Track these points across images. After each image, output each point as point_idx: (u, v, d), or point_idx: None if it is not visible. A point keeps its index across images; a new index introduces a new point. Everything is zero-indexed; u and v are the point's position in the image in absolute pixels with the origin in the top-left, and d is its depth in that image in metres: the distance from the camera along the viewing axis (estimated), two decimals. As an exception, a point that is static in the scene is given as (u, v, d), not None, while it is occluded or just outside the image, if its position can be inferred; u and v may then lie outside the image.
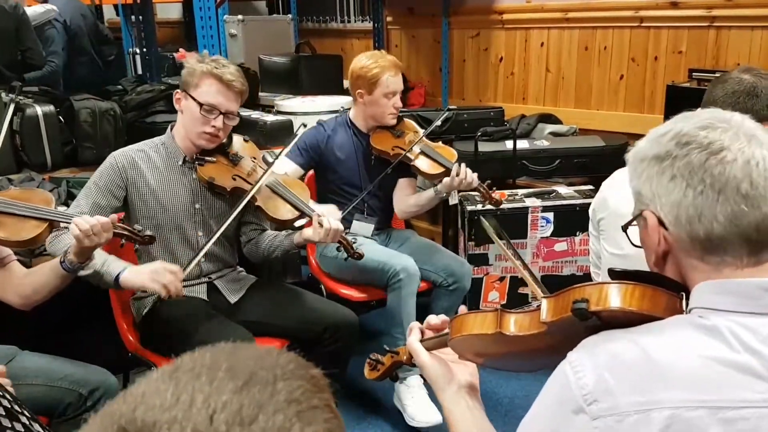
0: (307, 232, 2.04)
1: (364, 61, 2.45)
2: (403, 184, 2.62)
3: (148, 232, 1.74)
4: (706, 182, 0.79)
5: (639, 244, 0.91)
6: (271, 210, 2.04)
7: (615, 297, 0.80)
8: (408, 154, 2.46)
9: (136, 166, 1.96)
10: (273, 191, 2.07)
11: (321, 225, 1.97)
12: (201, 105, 1.91)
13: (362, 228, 2.56)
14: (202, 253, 1.91)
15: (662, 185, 0.82)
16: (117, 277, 1.77)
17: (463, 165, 2.40)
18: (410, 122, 2.63)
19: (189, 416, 0.44)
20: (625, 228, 0.92)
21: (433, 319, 1.11)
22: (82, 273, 1.72)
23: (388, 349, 1.21)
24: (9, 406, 1.04)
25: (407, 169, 2.54)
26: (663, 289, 0.82)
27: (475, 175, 2.41)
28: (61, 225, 1.65)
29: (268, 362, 0.51)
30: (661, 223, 0.83)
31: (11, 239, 1.57)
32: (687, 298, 0.83)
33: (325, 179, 2.56)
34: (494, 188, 2.50)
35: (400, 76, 2.47)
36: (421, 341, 1.09)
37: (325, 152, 2.51)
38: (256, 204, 2.02)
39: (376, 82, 2.41)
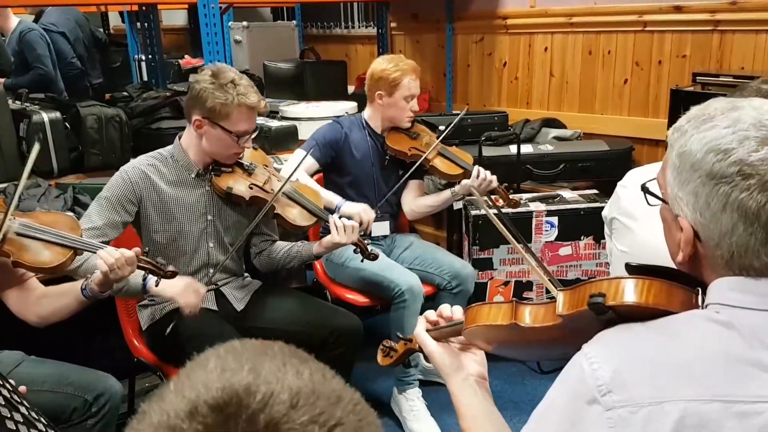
0: (328, 238, 2.08)
1: (385, 64, 2.48)
2: (413, 185, 2.65)
3: (171, 268, 1.73)
4: (761, 222, 0.76)
5: (654, 204, 0.90)
6: (290, 217, 2.07)
7: (631, 292, 0.80)
8: (427, 156, 2.48)
9: (147, 179, 1.95)
10: (290, 198, 2.11)
11: (336, 225, 2.04)
12: (235, 135, 1.93)
13: (380, 227, 2.57)
14: (220, 266, 1.95)
15: (710, 209, 0.79)
16: (144, 284, 1.79)
17: (484, 171, 2.43)
18: (422, 125, 2.66)
19: (281, 378, 0.48)
20: (643, 188, 0.90)
21: (446, 310, 1.12)
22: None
23: (401, 336, 1.22)
24: (8, 396, 1.05)
25: (419, 171, 2.56)
26: (679, 284, 0.82)
27: (495, 177, 2.43)
28: (85, 253, 1.66)
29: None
30: (697, 235, 0.82)
31: (35, 265, 1.56)
32: (703, 293, 0.83)
33: (337, 177, 2.55)
34: (511, 190, 2.51)
35: (418, 80, 2.51)
36: (432, 330, 1.10)
37: (343, 149, 2.52)
38: (276, 212, 2.05)
39: (397, 85, 2.45)
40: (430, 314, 1.14)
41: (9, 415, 1.00)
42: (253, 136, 2.02)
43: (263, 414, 0.46)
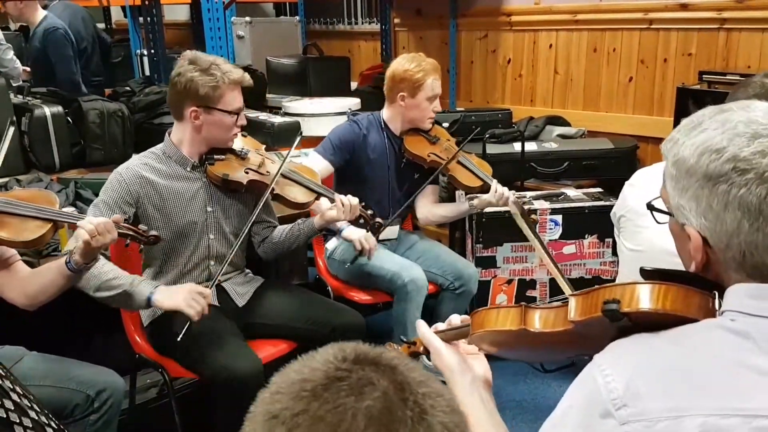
0: (331, 213, 2.08)
1: (407, 64, 2.43)
2: (428, 191, 2.58)
3: (153, 232, 1.73)
4: (765, 216, 0.75)
5: (663, 221, 0.89)
6: (291, 196, 2.07)
7: (647, 298, 0.78)
8: (447, 165, 2.43)
9: (143, 178, 1.94)
10: (287, 178, 2.11)
11: (342, 204, 2.05)
12: (233, 113, 1.94)
13: (389, 232, 2.55)
14: (227, 260, 1.94)
15: (712, 211, 0.78)
16: (149, 298, 1.79)
17: (505, 189, 2.39)
18: (441, 128, 2.63)
19: None
20: (649, 206, 0.89)
21: (455, 320, 1.10)
22: (104, 294, 1.75)
23: (404, 339, 1.20)
24: (18, 400, 1.04)
25: (436, 177, 2.52)
26: (695, 288, 0.80)
27: (513, 192, 2.41)
28: (66, 225, 1.65)
29: None
30: (705, 241, 0.80)
31: (15, 240, 1.55)
32: (720, 296, 0.81)
33: (351, 180, 2.50)
34: (516, 189, 2.49)
35: (440, 79, 2.47)
36: (438, 332, 1.08)
37: (359, 151, 2.48)
38: (275, 192, 2.05)
39: (420, 86, 2.40)
40: (440, 326, 1.12)
41: (18, 420, 0.99)
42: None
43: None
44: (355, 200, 2.08)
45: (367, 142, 2.49)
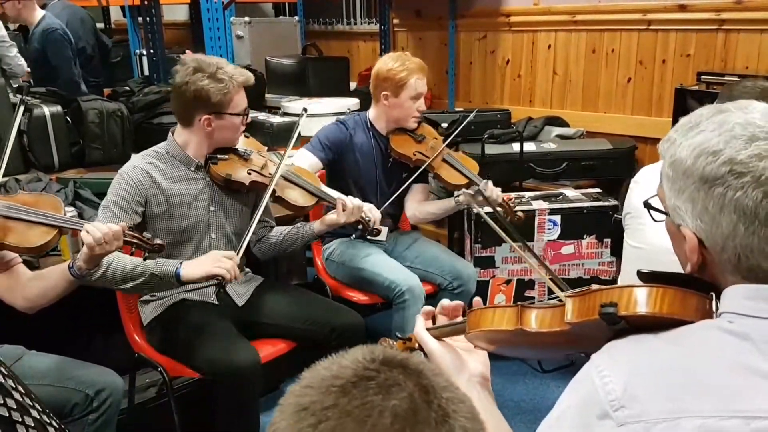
0: (331, 216, 2.09)
1: (391, 63, 2.41)
2: (417, 189, 2.59)
3: (158, 240, 1.72)
4: (761, 220, 0.75)
5: (660, 219, 0.89)
6: (291, 199, 2.08)
7: (644, 301, 0.78)
8: (431, 162, 2.43)
9: (150, 178, 1.94)
10: (289, 180, 2.11)
11: (344, 207, 2.05)
12: (242, 115, 1.97)
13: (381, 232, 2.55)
14: (246, 240, 1.94)
15: (708, 213, 0.78)
16: (177, 275, 1.80)
17: (489, 181, 2.39)
18: (428, 127, 2.61)
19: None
20: (646, 204, 0.89)
21: (446, 303, 1.10)
22: (132, 284, 1.77)
23: (399, 335, 1.20)
24: (20, 400, 1.04)
25: (423, 174, 2.52)
26: (692, 291, 0.80)
27: (499, 190, 2.40)
28: (71, 231, 1.65)
29: None
30: (701, 242, 0.80)
31: (21, 245, 1.55)
32: (717, 298, 0.81)
33: (339, 179, 2.51)
34: (512, 197, 2.49)
35: (425, 79, 2.45)
36: (433, 329, 1.08)
37: (346, 151, 2.47)
38: (276, 195, 2.05)
39: (403, 85, 2.39)
40: (429, 308, 1.12)
41: (20, 419, 1.00)
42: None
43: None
44: (359, 202, 2.08)
45: (354, 143, 2.48)
